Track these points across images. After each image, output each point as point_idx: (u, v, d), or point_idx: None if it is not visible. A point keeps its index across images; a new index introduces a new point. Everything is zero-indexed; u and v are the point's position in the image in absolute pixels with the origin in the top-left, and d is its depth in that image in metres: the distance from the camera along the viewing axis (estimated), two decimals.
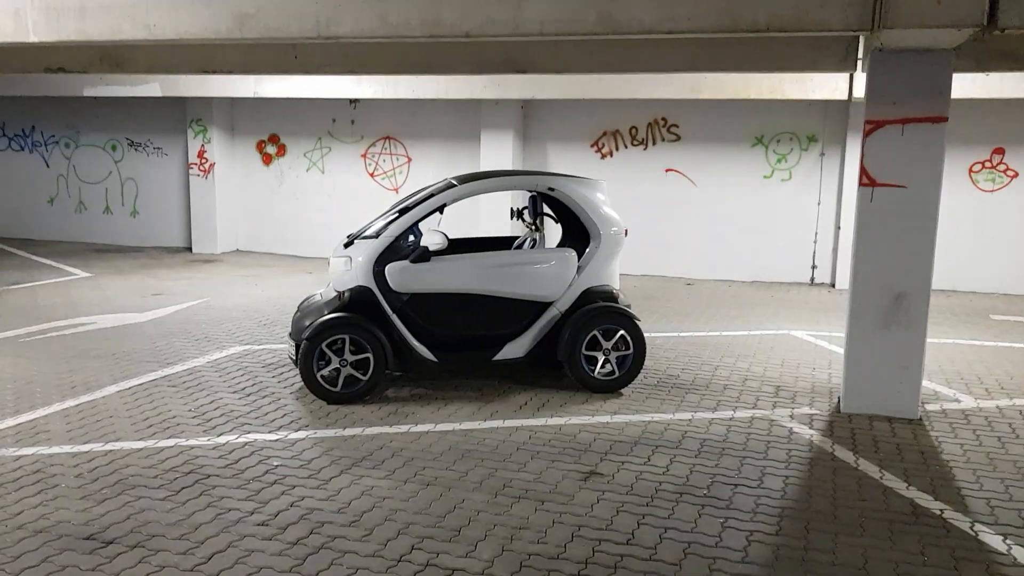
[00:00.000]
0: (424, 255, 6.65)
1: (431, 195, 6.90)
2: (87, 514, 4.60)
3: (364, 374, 6.57)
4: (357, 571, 4.07)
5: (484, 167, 13.64)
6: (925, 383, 7.41)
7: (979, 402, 6.94)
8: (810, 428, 6.25)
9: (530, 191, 7.25)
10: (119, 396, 6.71)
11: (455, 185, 6.94)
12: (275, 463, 5.37)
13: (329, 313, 6.60)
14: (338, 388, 6.55)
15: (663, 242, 13.57)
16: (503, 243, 7.84)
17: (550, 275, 6.92)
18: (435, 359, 6.76)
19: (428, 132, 14.50)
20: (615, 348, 6.97)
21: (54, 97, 15.78)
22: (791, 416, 6.52)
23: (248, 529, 4.47)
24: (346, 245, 6.89)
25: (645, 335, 7.09)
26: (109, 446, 5.63)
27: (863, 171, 6.39)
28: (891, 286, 6.44)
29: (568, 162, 13.87)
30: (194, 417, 6.23)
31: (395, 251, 6.77)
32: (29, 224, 17.06)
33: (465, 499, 4.89)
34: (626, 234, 7.29)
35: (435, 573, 4.07)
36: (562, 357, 6.88)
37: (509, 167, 13.54)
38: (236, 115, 15.51)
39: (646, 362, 7.83)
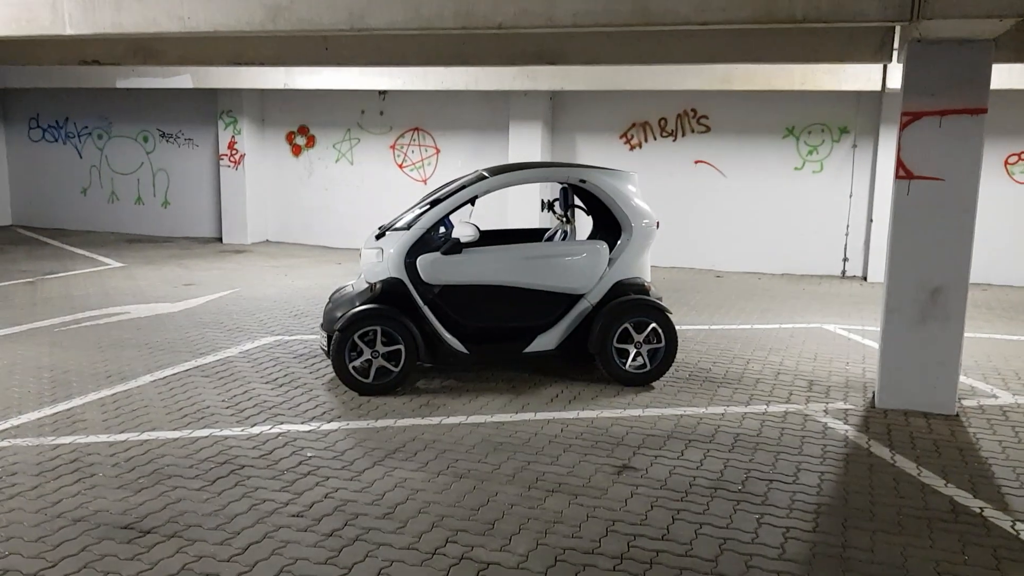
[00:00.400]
0: (456, 247, 6.64)
1: (463, 187, 6.89)
2: (125, 503, 4.65)
3: (396, 365, 6.59)
4: (392, 564, 4.08)
5: (512, 159, 13.61)
6: (962, 379, 7.31)
7: (1017, 398, 6.84)
8: (845, 423, 6.19)
9: (561, 183, 7.21)
10: (153, 386, 6.77)
11: (486, 177, 6.93)
12: (309, 454, 5.39)
13: (361, 304, 6.62)
14: (370, 379, 6.56)
15: (692, 234, 13.49)
16: (533, 235, 7.81)
17: (581, 267, 6.89)
18: (466, 351, 6.76)
19: (456, 123, 14.49)
20: (646, 341, 6.93)
21: (87, 89, 15.95)
22: (825, 411, 6.46)
23: (283, 520, 4.50)
24: (378, 237, 6.90)
25: (676, 328, 7.03)
26: (145, 435, 5.68)
27: (899, 164, 6.31)
28: (928, 280, 6.35)
29: (596, 154, 13.81)
30: (228, 407, 6.27)
31: (426, 243, 6.77)
32: (63, 214, 17.26)
33: (499, 492, 4.89)
34: (658, 226, 7.23)
35: (470, 567, 4.07)
36: (593, 350, 6.85)
37: (537, 158, 13.51)
38: (266, 107, 15.58)
39: (677, 355, 7.81)
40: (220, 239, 15.84)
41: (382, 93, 14.74)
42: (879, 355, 6.58)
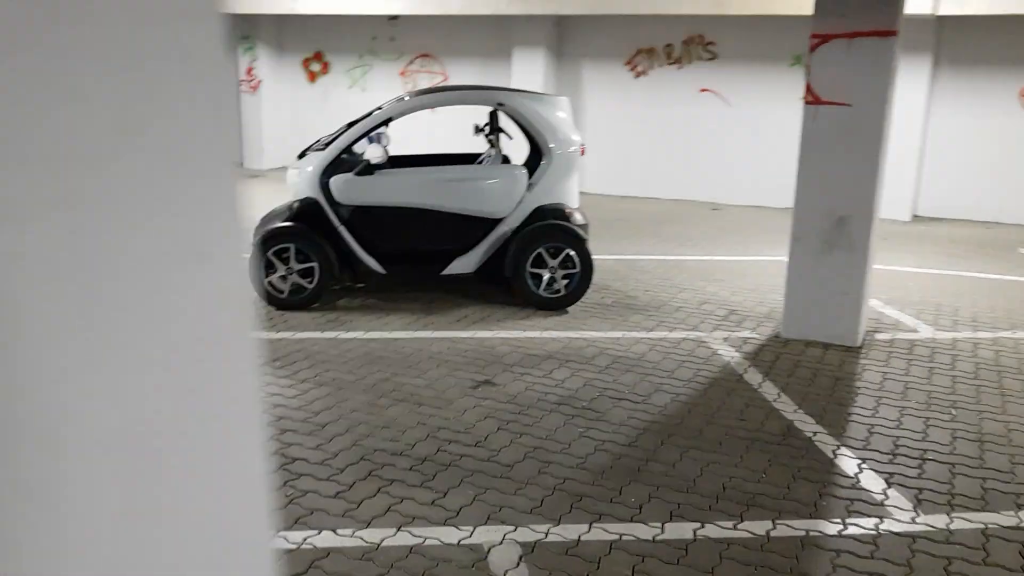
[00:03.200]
0: (367, 168, 6.80)
1: (378, 108, 7.01)
2: None
3: (311, 283, 6.83)
4: None
5: (515, 85, 13.58)
6: (891, 312, 7.23)
7: (937, 333, 6.74)
8: (737, 351, 6.22)
9: (482, 106, 7.26)
10: None
11: (403, 100, 7.04)
12: None
13: (280, 222, 6.86)
14: (285, 295, 6.83)
15: (694, 165, 13.33)
16: (467, 160, 7.90)
17: (496, 192, 6.98)
18: (383, 270, 6.96)
19: (463, 49, 14.49)
20: (563, 267, 7.02)
21: None
22: (725, 339, 6.48)
23: None
24: (299, 156, 7.10)
25: (597, 257, 7.10)
26: None
27: (808, 88, 6.18)
28: (833, 209, 6.26)
29: (601, 81, 13.69)
30: None
31: (341, 164, 6.95)
32: None
33: (348, 400, 5.12)
34: (582, 152, 7.25)
35: (282, 460, 4.32)
36: (508, 273, 6.98)
37: (540, 85, 13.46)
38: (284, 33, 15.81)
39: (611, 283, 7.88)
40: (242, 164, 16.29)
41: (392, 18, 14.80)
42: (785, 285, 6.54)
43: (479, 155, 7.93)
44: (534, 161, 7.38)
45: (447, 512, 3.84)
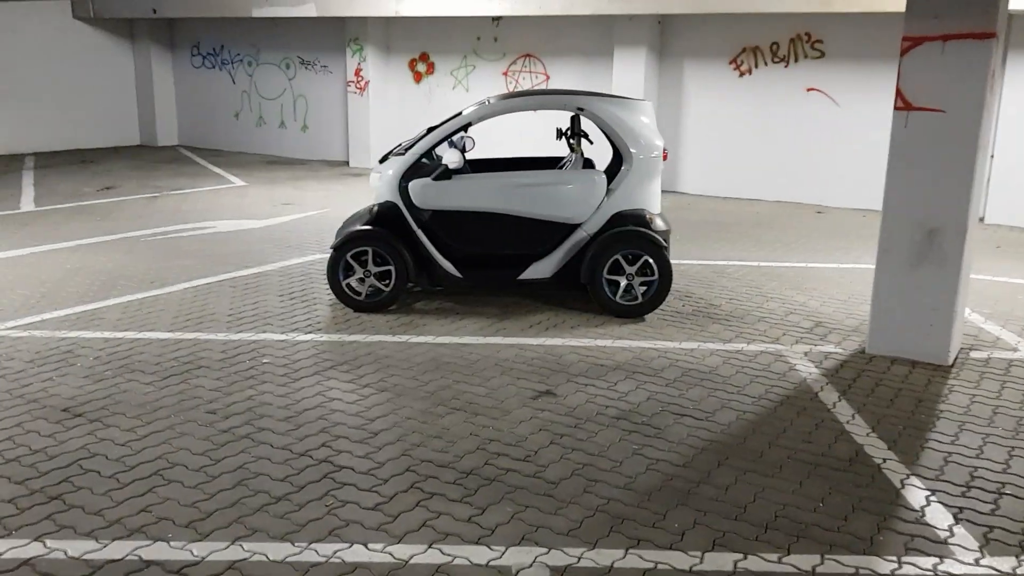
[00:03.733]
0: (445, 173, 6.83)
1: (459, 114, 7.03)
2: (79, 391, 5.30)
3: (387, 285, 6.92)
4: (258, 460, 4.46)
5: (616, 86, 13.44)
6: (991, 328, 6.80)
7: None
8: (816, 367, 5.96)
9: (563, 110, 7.18)
10: (182, 293, 7.47)
11: (484, 105, 7.04)
12: (265, 360, 5.86)
13: (360, 225, 6.98)
14: (362, 297, 6.95)
15: (799, 166, 12.88)
16: (550, 164, 7.85)
17: (575, 197, 6.90)
18: (459, 275, 6.99)
19: (565, 49, 14.41)
20: (640, 274, 6.89)
21: (238, 19, 17.04)
22: (805, 354, 6.23)
23: (197, 415, 4.99)
24: (381, 160, 7.20)
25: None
26: (141, 335, 6.36)
27: (898, 93, 5.87)
28: (924, 220, 5.93)
29: (704, 80, 13.39)
30: (230, 315, 6.86)
31: (421, 168, 7.01)
32: (219, 137, 18.70)
33: (405, 407, 5.16)
34: (664, 158, 7.09)
35: (326, 467, 4.39)
36: (584, 280, 6.90)
37: (641, 85, 13.27)
38: (391, 34, 16.09)
39: (695, 290, 7.70)
40: (348, 163, 16.68)
41: (496, 19, 14.86)
42: (872, 298, 6.23)
43: (562, 159, 7.87)
44: (615, 166, 7.27)
45: (482, 530, 3.82)
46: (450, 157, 6.75)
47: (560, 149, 9.63)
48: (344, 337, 6.38)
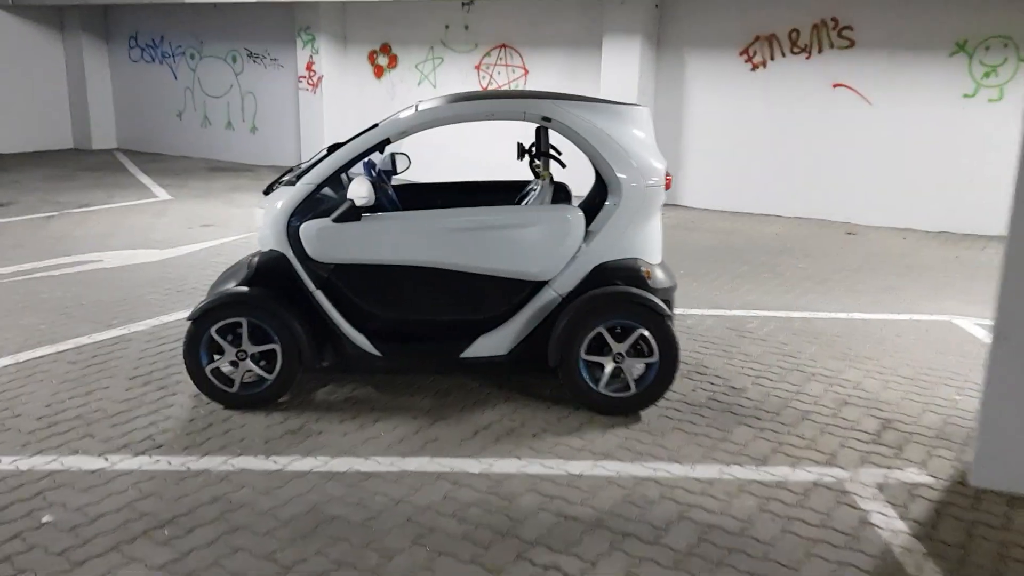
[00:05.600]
0: (351, 212, 4.73)
1: (374, 126, 4.94)
2: None
3: (272, 371, 4.83)
4: None
5: (605, 80, 11.35)
6: None
7: None
8: (901, 516, 3.89)
9: (522, 121, 5.06)
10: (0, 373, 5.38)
11: (411, 113, 4.93)
12: (45, 519, 3.76)
13: (231, 286, 4.88)
14: (235, 388, 4.85)
15: (825, 176, 10.82)
16: (509, 191, 5.78)
17: (539, 243, 4.82)
18: (377, 353, 4.89)
19: (547, 39, 12.31)
20: (634, 352, 4.81)
21: (179, 3, 14.91)
22: (879, 486, 4.16)
23: None
24: (266, 191, 5.10)
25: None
26: None
27: None
28: None
29: (709, 74, 11.29)
30: (41, 417, 4.77)
31: (321, 204, 4.93)
32: (161, 139, 16.61)
33: None
34: (668, 186, 5.00)
35: None
36: (553, 361, 4.81)
37: (635, 79, 11.19)
38: (348, 22, 13.97)
39: (707, 359, 5.63)
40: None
41: (466, 3, 12.74)
42: (980, 404, 4.15)
43: (525, 184, 5.78)
44: (598, 198, 5.18)
45: None
46: (356, 190, 4.64)
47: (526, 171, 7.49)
48: (190, 462, 4.27)
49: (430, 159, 12.51)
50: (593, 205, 5.23)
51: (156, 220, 10.20)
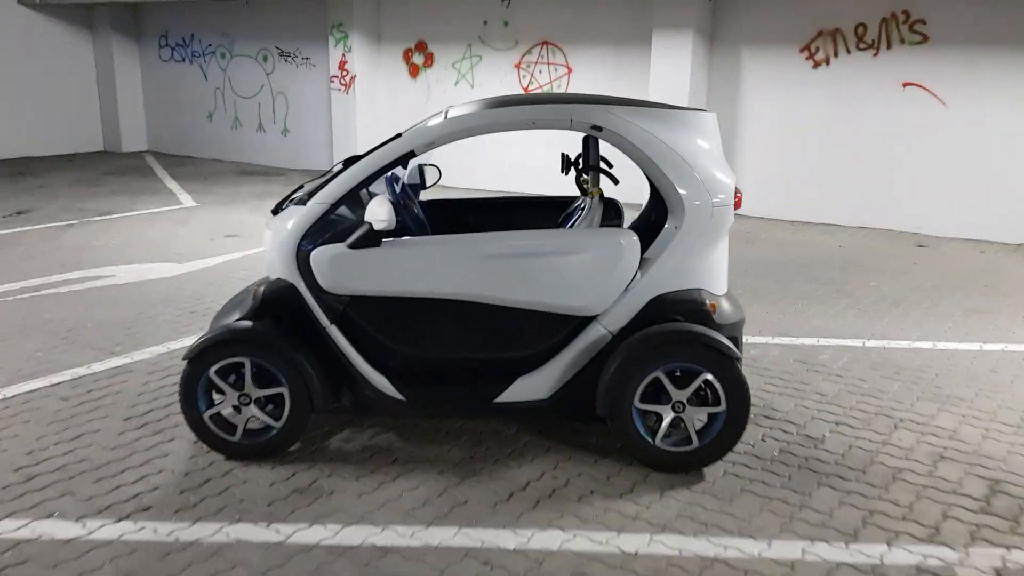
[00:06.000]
0: (369, 236, 4.08)
1: (398, 136, 4.29)
2: None
3: (279, 417, 4.21)
4: None
5: (654, 78, 10.63)
6: None
7: None
8: None
9: (569, 130, 4.38)
10: None
11: (440, 122, 4.28)
12: None
13: (234, 320, 4.27)
14: (238, 436, 4.23)
15: (894, 183, 10.01)
16: (552, 209, 5.11)
17: (587, 273, 4.14)
18: (401, 397, 4.25)
19: (592, 35, 11.61)
20: (697, 400, 4.12)
21: (208, 1, 14.49)
22: (998, 572, 3.42)
23: None
24: (274, 211, 4.48)
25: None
26: None
27: None
28: None
29: (767, 72, 10.52)
30: (18, 471, 4.19)
31: (334, 227, 4.30)
32: (191, 141, 16.18)
33: None
34: (737, 204, 4.30)
35: None
36: (603, 411, 4.13)
37: (686, 77, 10.45)
38: (383, 18, 13.38)
39: (776, 402, 4.92)
40: None
41: None
42: None
43: (571, 202, 5.11)
44: (655, 219, 4.50)
45: None
46: (375, 212, 4.00)
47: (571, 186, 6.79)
48: (179, 531, 3.66)
49: (466, 165, 11.92)
50: (649, 227, 4.55)
51: (178, 229, 9.68)
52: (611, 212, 4.86)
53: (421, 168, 5.11)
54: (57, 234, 9.35)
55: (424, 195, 5.39)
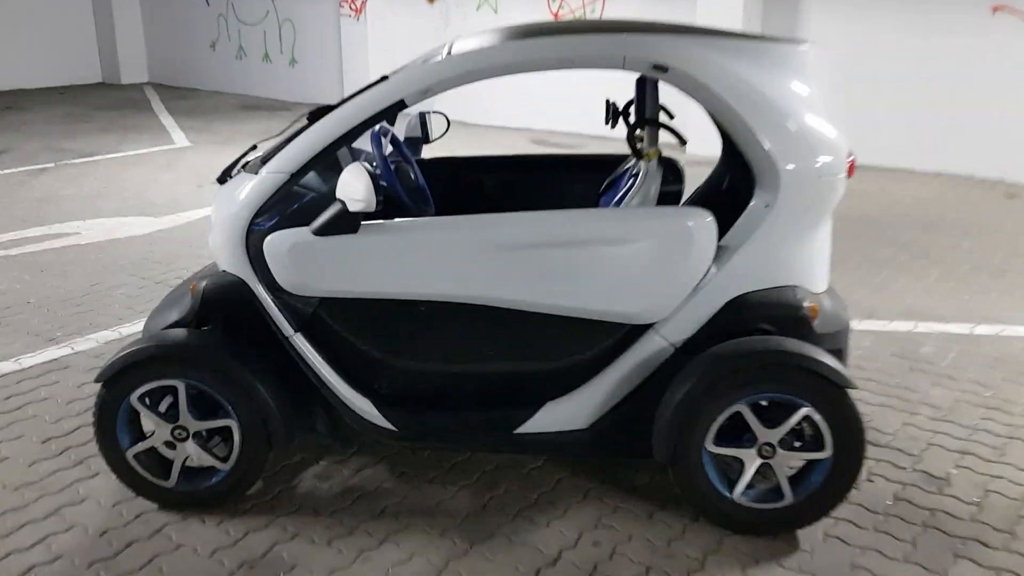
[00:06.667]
0: (341, 221, 2.94)
1: (383, 79, 3.12)
2: None
3: (226, 456, 3.15)
4: None
5: (701, 7, 9.27)
6: None
7: None
8: None
9: (620, 69, 3.16)
10: None
11: (439, 61, 3.10)
12: None
13: (166, 325, 3.20)
14: (171, 482, 3.18)
15: (976, 123, 8.68)
16: (594, 174, 3.95)
17: (642, 267, 3.00)
18: (392, 426, 3.17)
19: None
20: (789, 443, 3.00)
21: None
22: None
23: None
24: (220, 180, 3.35)
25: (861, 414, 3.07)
26: None
27: None
28: None
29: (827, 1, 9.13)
30: None
31: (298, 203, 3.18)
32: (194, 72, 15.01)
33: None
34: (851, 170, 3.12)
35: None
36: (661, 453, 3.03)
37: (740, 5, 9.07)
38: None
39: (883, 416, 3.80)
40: None
41: None
42: None
43: (619, 160, 3.93)
44: (734, 190, 3.34)
45: None
46: (349, 186, 2.85)
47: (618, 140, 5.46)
48: None
49: (482, 98, 10.71)
50: (720, 197, 3.39)
51: (161, 175, 8.59)
52: (669, 176, 3.70)
53: (423, 117, 3.96)
54: (27, 180, 8.30)
55: (427, 150, 4.24)
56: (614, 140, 10.17)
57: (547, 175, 3.99)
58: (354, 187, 2.81)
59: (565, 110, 10.63)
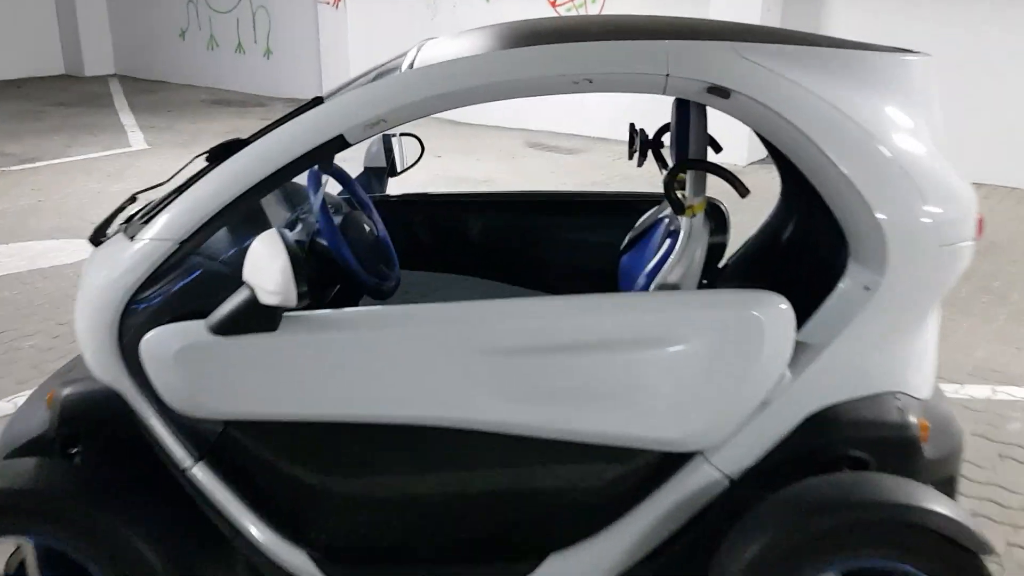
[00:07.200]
0: (253, 312, 2.00)
1: (317, 100, 2.19)
2: None
3: None
4: None
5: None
6: None
7: None
8: None
9: (656, 93, 2.21)
10: None
11: (398, 74, 2.15)
12: None
13: (19, 444, 2.26)
14: None
15: (1020, 128, 7.77)
16: (619, 217, 3.02)
17: (689, 376, 2.07)
18: None
19: None
20: None
21: None
22: None
23: None
24: (94, 239, 2.40)
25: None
26: None
27: None
28: None
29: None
30: None
31: (187, 276, 2.24)
32: (163, 63, 14.00)
33: None
34: (979, 232, 2.19)
35: None
36: None
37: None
38: None
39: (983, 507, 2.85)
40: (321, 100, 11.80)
41: None
42: None
43: (650, 203, 2.99)
44: (804, 239, 2.41)
45: None
46: (259, 272, 1.90)
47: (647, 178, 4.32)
48: None
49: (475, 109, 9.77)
50: (782, 255, 2.47)
51: (109, 186, 7.64)
52: (719, 224, 2.77)
53: (387, 140, 3.03)
54: None
55: (394, 184, 3.29)
56: (619, 142, 9.25)
57: (552, 223, 3.05)
58: (266, 272, 1.87)
59: (565, 110, 9.71)
